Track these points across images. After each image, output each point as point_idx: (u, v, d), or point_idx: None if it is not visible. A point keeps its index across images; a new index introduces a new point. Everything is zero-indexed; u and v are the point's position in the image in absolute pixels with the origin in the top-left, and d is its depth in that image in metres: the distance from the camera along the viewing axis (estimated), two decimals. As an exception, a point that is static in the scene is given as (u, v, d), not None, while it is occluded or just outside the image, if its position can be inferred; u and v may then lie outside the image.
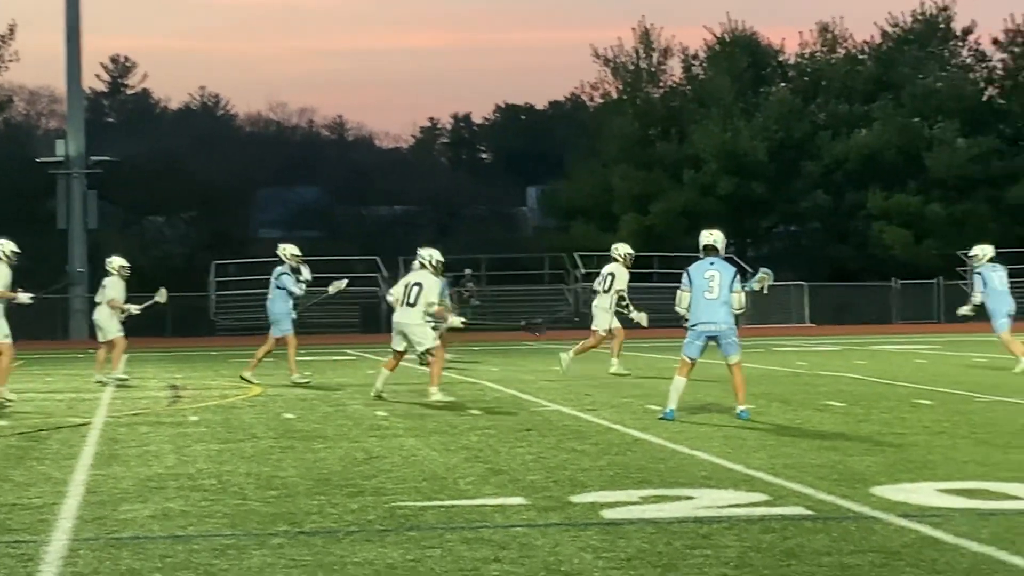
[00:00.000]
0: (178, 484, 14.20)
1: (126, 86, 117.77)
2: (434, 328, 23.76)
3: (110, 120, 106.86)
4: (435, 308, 23.64)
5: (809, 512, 11.96)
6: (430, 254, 23.99)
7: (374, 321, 57.25)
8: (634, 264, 29.33)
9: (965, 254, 64.76)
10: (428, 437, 18.07)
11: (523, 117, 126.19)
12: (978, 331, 51.80)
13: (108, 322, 28.82)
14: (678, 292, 19.72)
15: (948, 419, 19.39)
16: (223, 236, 73.12)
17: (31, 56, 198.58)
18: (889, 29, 76.98)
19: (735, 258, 50.27)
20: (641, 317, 28.43)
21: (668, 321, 26.49)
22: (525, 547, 10.61)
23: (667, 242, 66.08)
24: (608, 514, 11.98)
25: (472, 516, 12.05)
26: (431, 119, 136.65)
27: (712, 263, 20.04)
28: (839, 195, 72.36)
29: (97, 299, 29.56)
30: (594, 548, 10.51)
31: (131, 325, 28.44)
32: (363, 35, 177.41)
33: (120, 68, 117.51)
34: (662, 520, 11.65)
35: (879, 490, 12.99)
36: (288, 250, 28.41)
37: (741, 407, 19.63)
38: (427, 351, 23.09)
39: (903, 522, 11.36)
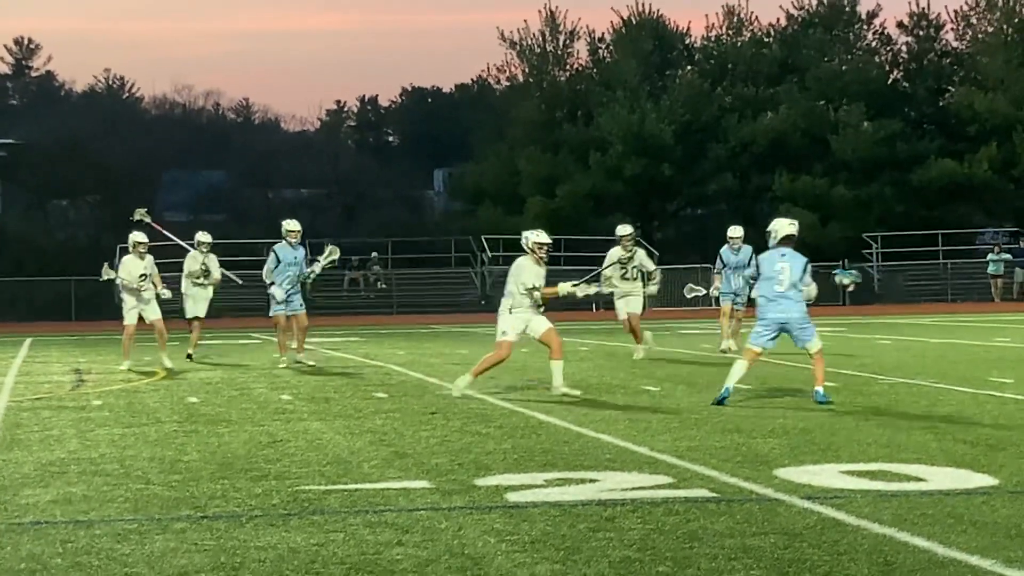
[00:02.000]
0: (80, 469, 14.12)
1: (30, 68, 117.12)
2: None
3: (13, 103, 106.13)
4: (537, 292, 21.41)
5: (712, 494, 12.00)
6: (527, 235, 21.76)
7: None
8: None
9: (872, 236, 65.67)
10: (333, 421, 18.04)
11: (430, 100, 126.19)
12: (881, 313, 52.33)
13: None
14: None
15: (851, 401, 19.54)
16: (128, 220, 72.72)
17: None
18: (795, 12, 77.55)
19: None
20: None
21: (570, 305, 26.47)
22: (428, 530, 10.60)
23: (574, 225, 66.23)
24: (512, 497, 11.99)
25: (376, 500, 12.03)
26: (338, 102, 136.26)
27: (783, 255, 19.84)
28: (745, 178, 72.77)
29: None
30: (498, 531, 10.51)
31: (37, 308, 28.37)
32: (269, 17, 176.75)
33: (24, 50, 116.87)
34: (566, 503, 11.66)
35: (782, 472, 13.05)
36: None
37: (818, 388, 19.54)
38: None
39: (806, 504, 11.42)
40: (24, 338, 40.93)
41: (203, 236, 29.68)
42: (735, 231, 29.85)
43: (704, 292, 29.36)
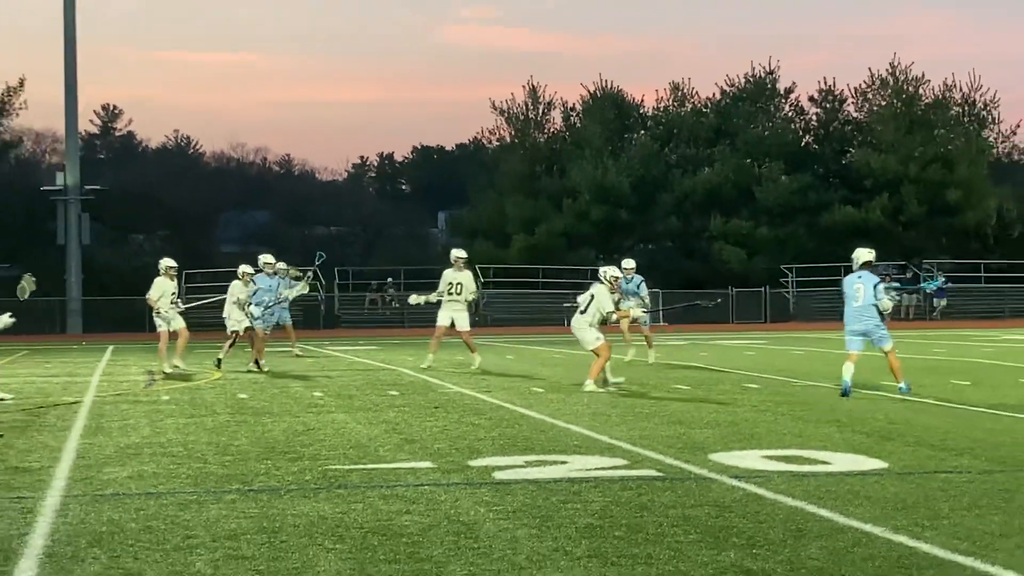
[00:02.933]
0: (151, 451, 14.10)
1: (114, 128, 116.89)
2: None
3: (100, 157, 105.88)
4: (614, 315, 22.28)
5: (659, 474, 12.00)
6: (604, 271, 22.53)
7: (315, 320, 57.22)
8: (525, 275, 29.18)
9: (788, 267, 65.80)
10: (355, 413, 18.01)
11: (435, 156, 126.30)
12: (796, 329, 52.33)
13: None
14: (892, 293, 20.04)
15: (771, 399, 19.54)
16: (191, 251, 72.55)
17: (37, 104, 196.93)
18: (727, 88, 77.65)
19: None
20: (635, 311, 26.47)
21: (547, 321, 26.30)
22: (431, 502, 10.60)
23: (550, 257, 66.38)
24: (499, 475, 11.98)
25: (389, 477, 12.02)
26: (361, 157, 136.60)
27: (860, 276, 20.70)
28: (687, 220, 72.79)
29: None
30: (487, 503, 10.51)
31: (118, 322, 28.21)
32: (307, 89, 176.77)
33: (109, 114, 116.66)
34: (541, 480, 11.66)
35: (715, 456, 13.06)
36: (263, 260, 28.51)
37: (900, 383, 20.17)
38: (593, 351, 22.20)
39: (734, 482, 11.43)
40: (107, 346, 40.90)
41: (247, 267, 29.19)
42: (628, 263, 28.53)
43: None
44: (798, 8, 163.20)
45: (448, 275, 27.05)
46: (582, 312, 22.24)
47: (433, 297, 26.98)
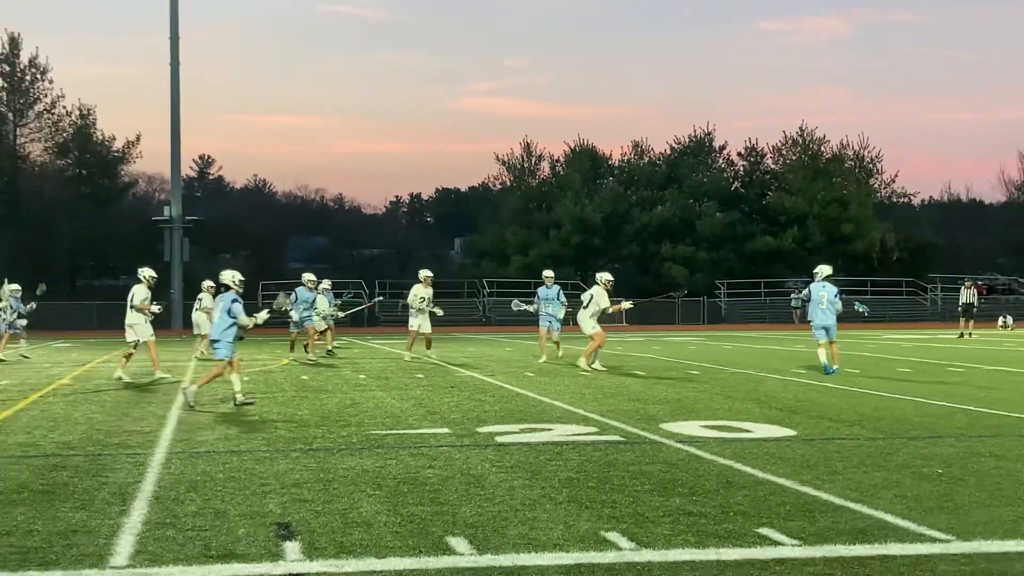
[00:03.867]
0: (235, 419, 14.11)
1: (208, 173, 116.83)
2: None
3: (198, 194, 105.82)
4: (610, 308, 23.34)
5: (622, 439, 11.99)
6: (600, 276, 23.39)
7: (360, 321, 57.11)
8: (520, 287, 28.97)
9: (721, 282, 65.83)
10: (390, 391, 18.00)
11: (453, 196, 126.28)
12: (727, 329, 52.29)
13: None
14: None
15: (707, 382, 19.52)
16: (266, 268, 72.55)
17: (149, 154, 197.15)
18: (675, 145, 77.86)
19: (581, 284, 50.08)
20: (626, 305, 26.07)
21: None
22: (448, 459, 10.59)
23: (540, 273, 66.25)
24: (499, 439, 11.97)
25: (416, 440, 12.01)
26: (396, 195, 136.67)
27: (824, 286, 21.67)
28: (645, 246, 72.79)
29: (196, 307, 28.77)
30: (491, 460, 10.50)
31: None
32: (355, 143, 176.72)
33: (203, 161, 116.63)
34: (532, 443, 11.65)
35: (665, 426, 13.05)
36: (306, 277, 28.14)
37: (835, 367, 21.22)
38: (590, 335, 22.68)
39: (679, 445, 11.42)
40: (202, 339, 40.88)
41: (310, 275, 28.62)
42: (548, 273, 26.23)
43: (525, 308, 26.12)
44: (730, 85, 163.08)
45: (418, 290, 26.46)
46: (584, 307, 22.86)
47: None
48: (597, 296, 22.92)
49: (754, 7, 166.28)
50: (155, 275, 22.48)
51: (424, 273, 26.91)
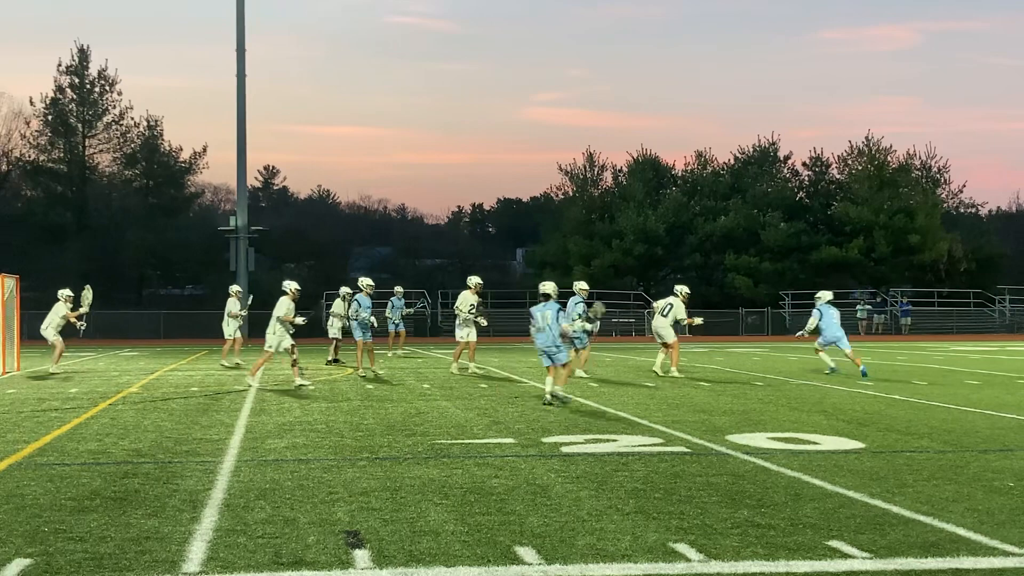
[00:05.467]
0: (302, 428, 14.21)
1: (273, 184, 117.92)
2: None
3: (262, 204, 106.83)
4: (686, 320, 24.49)
5: (688, 450, 11.96)
6: (679, 288, 25.03)
7: (423, 330, 57.35)
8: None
9: (785, 293, 65.39)
10: (455, 401, 18.06)
11: (514, 206, 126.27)
12: (791, 341, 51.88)
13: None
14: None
15: (773, 394, 19.41)
16: (329, 278, 73.00)
17: (216, 165, 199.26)
18: (739, 155, 77.38)
19: (643, 293, 50.09)
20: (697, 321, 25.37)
21: (600, 332, 26.18)
22: (513, 469, 10.61)
23: (602, 284, 66.25)
24: (565, 449, 11.98)
25: (481, 449, 12.05)
26: (459, 206, 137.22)
27: (832, 306, 25.07)
28: (708, 256, 72.40)
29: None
30: (556, 470, 10.51)
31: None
32: (418, 154, 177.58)
33: (268, 172, 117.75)
34: (598, 454, 11.65)
35: (731, 437, 13.00)
36: (364, 282, 27.88)
37: (861, 367, 23.93)
38: (669, 344, 24.36)
39: (746, 457, 11.37)
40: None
41: (366, 279, 28.04)
42: (582, 285, 25.02)
43: (586, 326, 24.03)
44: (794, 95, 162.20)
45: (468, 296, 25.65)
46: (664, 315, 24.17)
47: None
48: (676, 306, 24.35)
49: (818, 17, 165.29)
50: (299, 288, 22.63)
51: (474, 280, 26.19)
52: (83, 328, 26.91)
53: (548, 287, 18.06)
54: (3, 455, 11.77)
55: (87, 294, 26.94)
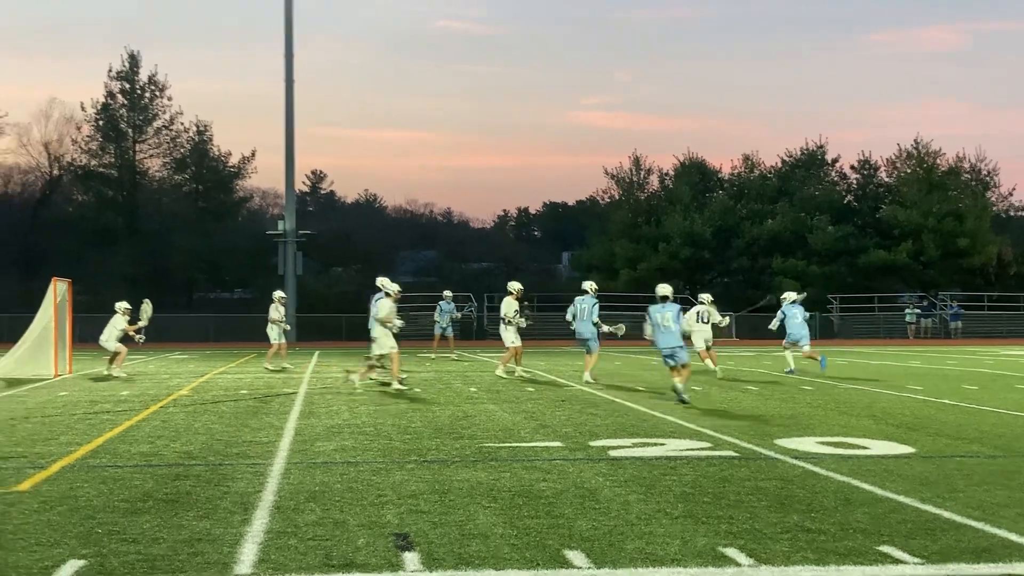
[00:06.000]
0: (350, 430, 14.27)
1: (320, 188, 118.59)
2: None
3: (310, 209, 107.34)
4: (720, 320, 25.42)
5: (736, 454, 11.91)
6: (704, 297, 26.30)
7: (469, 333, 57.41)
8: (628, 301, 28.98)
9: (833, 296, 64.95)
10: (501, 404, 18.07)
11: (560, 210, 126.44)
12: (839, 345, 51.54)
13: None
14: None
15: (821, 398, 19.30)
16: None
17: (264, 169, 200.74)
18: (787, 158, 77.02)
19: (690, 298, 50.02)
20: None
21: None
22: (561, 472, 10.61)
23: (648, 287, 65.97)
24: (612, 453, 11.97)
25: (528, 453, 12.05)
26: (504, 209, 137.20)
27: (798, 308, 25.13)
28: (755, 260, 72.08)
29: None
30: (604, 474, 10.50)
31: (323, 333, 28.52)
32: (464, 158, 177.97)
33: (316, 176, 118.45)
34: (645, 457, 11.62)
35: (780, 441, 12.94)
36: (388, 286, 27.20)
37: (820, 358, 25.44)
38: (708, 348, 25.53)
39: (795, 461, 11.31)
40: (314, 352, 41.45)
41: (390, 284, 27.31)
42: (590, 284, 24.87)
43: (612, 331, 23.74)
44: (841, 98, 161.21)
45: (512, 302, 25.47)
46: (704, 322, 25.20)
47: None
48: (712, 313, 25.40)
49: (865, 19, 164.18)
50: (400, 289, 22.59)
51: (515, 285, 26.13)
52: (141, 340, 27.33)
53: (667, 289, 18.58)
54: (57, 457, 11.91)
55: (147, 308, 27.20)
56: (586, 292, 21.69)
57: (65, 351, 27.62)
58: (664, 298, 18.39)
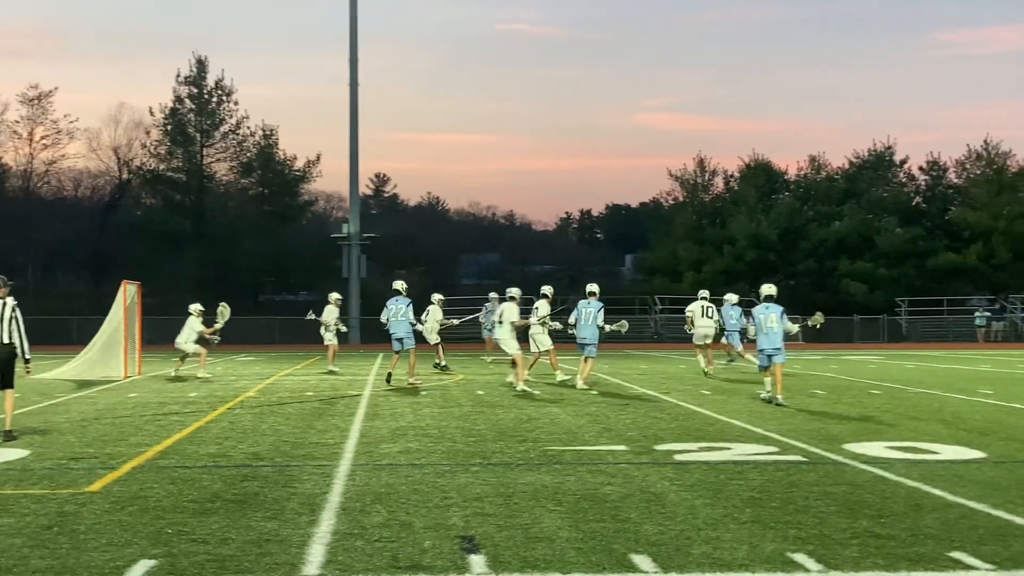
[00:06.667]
0: (414, 433, 14.32)
1: (383, 191, 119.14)
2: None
3: (374, 212, 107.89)
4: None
5: (804, 459, 11.81)
6: (705, 293, 28.39)
7: (525, 337, 57.25)
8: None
9: (901, 299, 64.22)
10: (565, 407, 18.06)
11: (623, 212, 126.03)
12: (908, 348, 50.93)
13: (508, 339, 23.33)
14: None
15: (890, 402, 19.09)
16: (440, 284, 73.52)
17: (328, 173, 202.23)
18: (854, 159, 76.29)
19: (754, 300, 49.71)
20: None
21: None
22: (626, 476, 10.58)
23: (713, 290, 65.64)
24: (678, 457, 11.91)
25: (593, 456, 12.03)
26: (567, 212, 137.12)
27: (768, 307, 18.53)
28: (821, 262, 71.45)
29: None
30: (670, 478, 10.46)
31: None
32: (527, 160, 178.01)
33: (379, 180, 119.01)
34: (712, 462, 11.56)
35: (848, 446, 12.81)
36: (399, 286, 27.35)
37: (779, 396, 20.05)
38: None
39: (863, 466, 11.20)
40: (378, 354, 41.64)
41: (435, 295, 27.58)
42: (591, 287, 24.90)
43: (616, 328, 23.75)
44: (909, 98, 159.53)
45: (544, 306, 25.05)
46: (709, 317, 26.73)
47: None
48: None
49: (933, 19, 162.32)
50: (521, 293, 23.32)
51: (547, 289, 25.72)
52: (216, 340, 27.80)
53: (771, 288, 18.73)
54: (127, 458, 12.06)
55: (225, 311, 27.55)
56: (772, 297, 20.51)
57: (135, 353, 27.98)
58: (768, 298, 18.44)
